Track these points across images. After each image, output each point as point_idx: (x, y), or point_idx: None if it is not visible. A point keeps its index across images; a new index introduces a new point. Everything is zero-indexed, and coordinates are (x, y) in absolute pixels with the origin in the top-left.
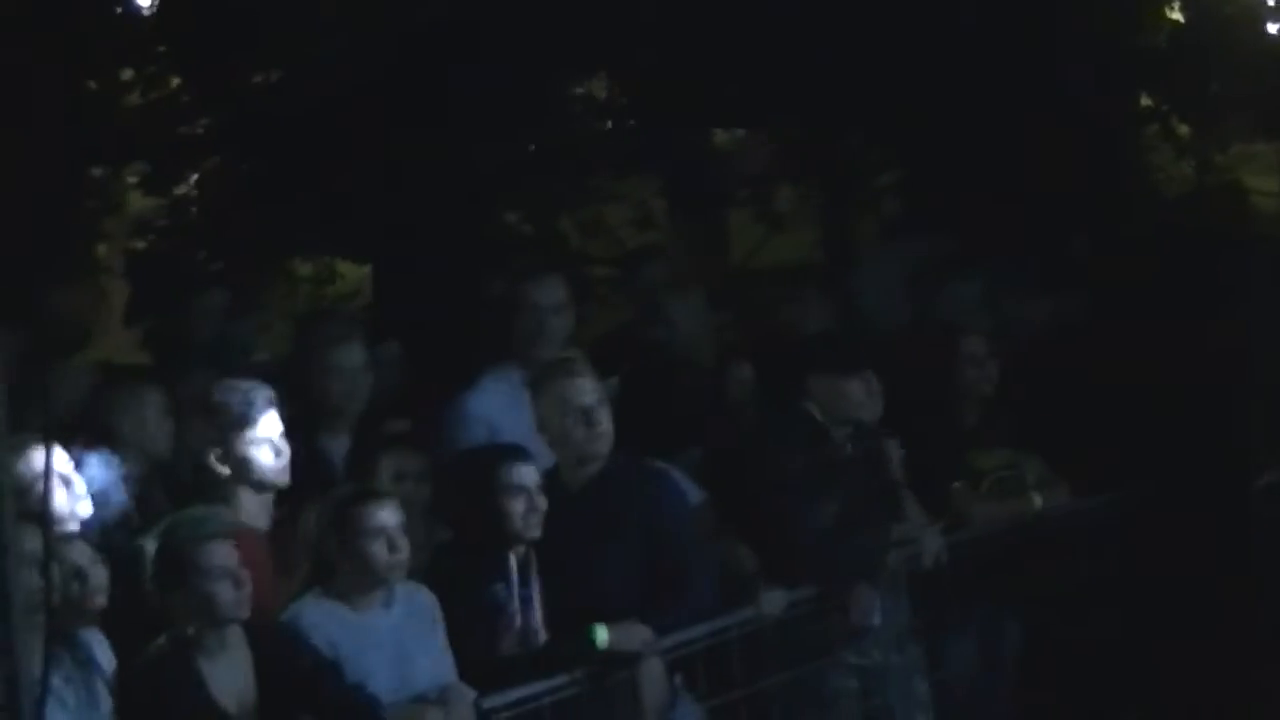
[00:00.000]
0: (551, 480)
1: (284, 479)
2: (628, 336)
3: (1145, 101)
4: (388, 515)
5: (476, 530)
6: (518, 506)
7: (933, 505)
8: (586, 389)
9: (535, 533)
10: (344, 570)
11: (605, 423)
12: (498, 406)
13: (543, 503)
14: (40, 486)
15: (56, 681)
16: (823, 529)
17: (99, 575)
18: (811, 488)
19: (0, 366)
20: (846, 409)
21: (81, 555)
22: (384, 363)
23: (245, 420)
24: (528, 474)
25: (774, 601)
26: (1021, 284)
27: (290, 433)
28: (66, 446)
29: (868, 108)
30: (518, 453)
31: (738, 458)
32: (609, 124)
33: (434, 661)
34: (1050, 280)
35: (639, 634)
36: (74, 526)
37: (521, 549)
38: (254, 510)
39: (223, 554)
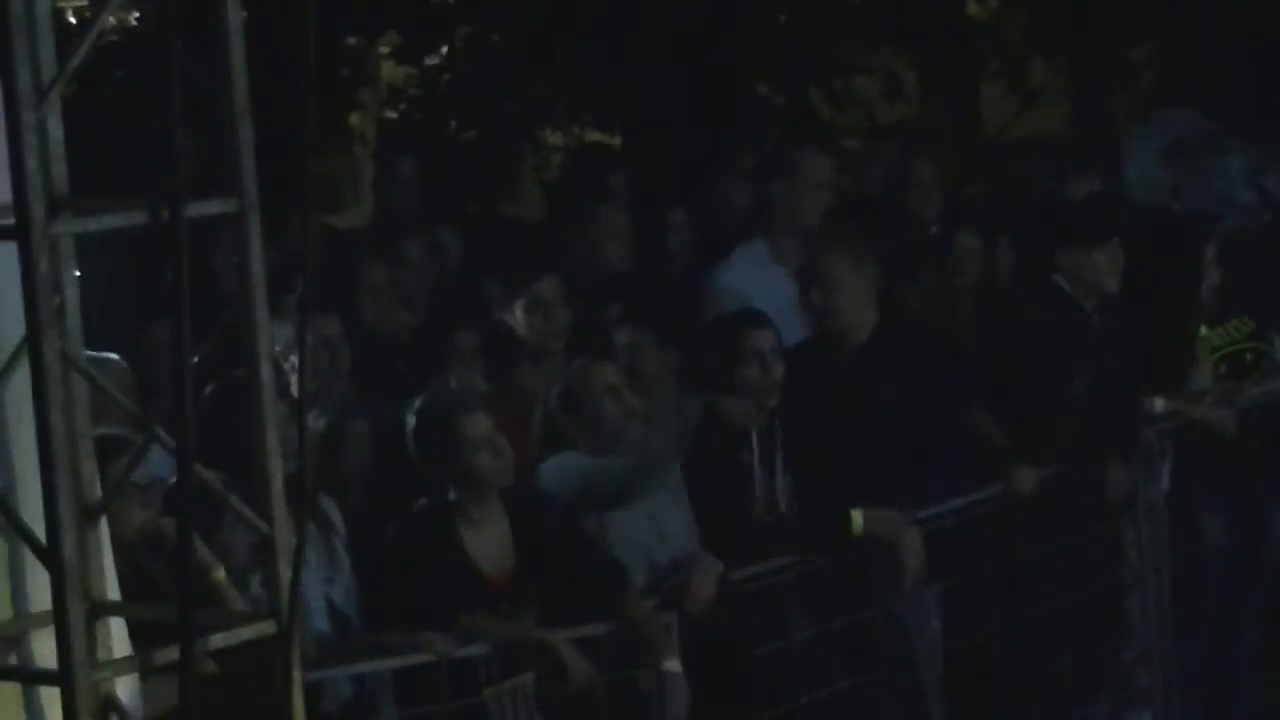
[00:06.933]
0: (816, 352)
1: (557, 344)
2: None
3: None
4: (610, 373)
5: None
6: (752, 372)
7: (1163, 378)
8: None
9: (772, 399)
10: (582, 434)
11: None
12: (748, 279)
13: (779, 369)
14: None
15: None
16: (1075, 402)
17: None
18: (1062, 360)
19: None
20: (1093, 280)
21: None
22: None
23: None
24: (763, 339)
25: (1025, 477)
26: None
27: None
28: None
29: None
30: (753, 318)
31: (991, 332)
32: None
33: (682, 529)
34: None
35: (894, 522)
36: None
37: (762, 416)
38: (531, 374)
39: (480, 424)
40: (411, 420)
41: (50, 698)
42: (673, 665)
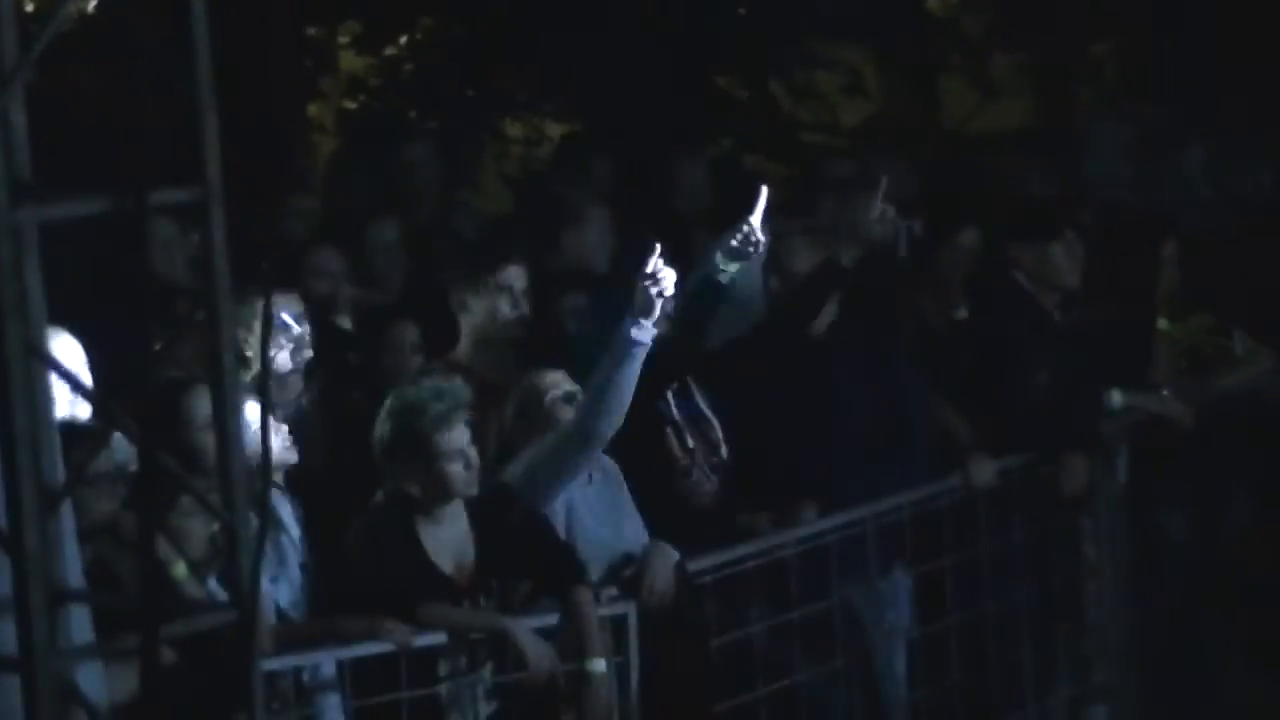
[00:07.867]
0: (772, 340)
1: (517, 330)
2: None
3: None
4: (564, 381)
5: None
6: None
7: (1122, 372)
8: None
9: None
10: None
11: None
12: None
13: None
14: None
15: None
16: (1035, 397)
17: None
18: (1022, 356)
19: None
20: (1051, 275)
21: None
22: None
23: (491, 268)
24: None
25: (983, 470)
26: (1244, 155)
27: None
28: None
29: None
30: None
31: (950, 327)
32: None
33: (633, 519)
34: (1273, 151)
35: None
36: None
37: None
38: (492, 361)
39: (459, 437)
40: (386, 424)
41: (11, 684)
42: (597, 665)
